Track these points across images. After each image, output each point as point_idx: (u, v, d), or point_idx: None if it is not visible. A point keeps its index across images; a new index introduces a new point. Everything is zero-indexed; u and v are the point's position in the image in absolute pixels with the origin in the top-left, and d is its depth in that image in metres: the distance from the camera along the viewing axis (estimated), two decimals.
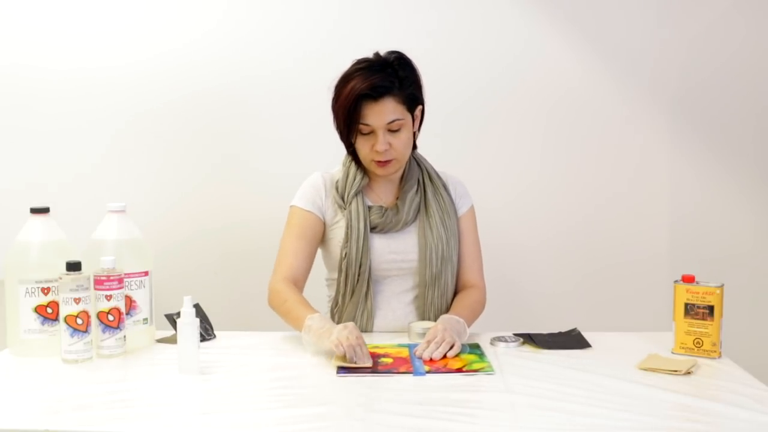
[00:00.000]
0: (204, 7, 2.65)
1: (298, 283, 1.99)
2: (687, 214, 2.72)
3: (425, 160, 2.11)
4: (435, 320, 1.96)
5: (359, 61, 1.97)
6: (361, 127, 1.92)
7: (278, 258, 2.02)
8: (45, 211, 1.86)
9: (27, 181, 2.65)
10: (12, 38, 2.63)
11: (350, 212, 1.99)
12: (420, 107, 2.01)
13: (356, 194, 2.01)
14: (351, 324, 1.78)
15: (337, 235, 2.02)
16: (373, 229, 2.00)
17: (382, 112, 1.91)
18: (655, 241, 2.73)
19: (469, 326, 1.93)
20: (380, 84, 1.90)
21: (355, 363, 1.70)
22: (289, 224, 2.04)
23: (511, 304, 2.70)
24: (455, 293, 2.08)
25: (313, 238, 2.03)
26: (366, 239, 1.98)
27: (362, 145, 1.96)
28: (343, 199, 2.02)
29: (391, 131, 1.93)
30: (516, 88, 2.68)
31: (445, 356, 1.76)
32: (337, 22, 2.65)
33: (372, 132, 1.93)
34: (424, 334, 1.87)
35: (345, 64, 1.98)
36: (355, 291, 2.00)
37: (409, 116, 1.96)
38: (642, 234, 2.73)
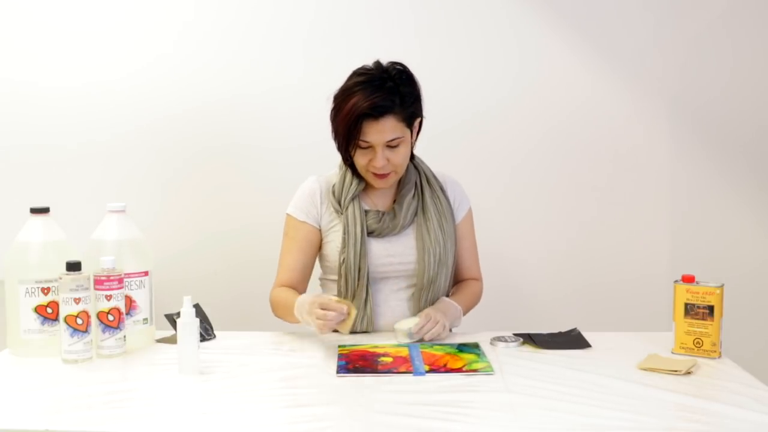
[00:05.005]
0: (204, 12, 2.65)
1: (298, 291, 2.03)
2: (687, 213, 2.72)
3: (423, 162, 2.11)
4: None
5: (359, 73, 1.95)
6: (361, 143, 1.92)
7: (278, 270, 2.06)
8: (45, 211, 1.86)
9: (27, 181, 2.64)
10: (13, 39, 2.63)
11: (347, 217, 2.00)
12: (418, 119, 2.01)
13: (353, 199, 2.01)
14: (309, 297, 1.87)
15: (334, 238, 2.02)
16: (370, 233, 2.01)
17: (383, 131, 1.91)
18: (655, 241, 2.73)
19: (465, 313, 2.01)
20: (381, 103, 1.89)
21: (335, 322, 1.79)
22: (287, 236, 2.06)
23: (511, 304, 2.70)
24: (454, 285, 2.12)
25: (309, 250, 2.05)
26: (363, 244, 1.98)
27: (360, 159, 1.96)
28: (339, 204, 2.02)
29: (390, 147, 1.93)
30: (515, 89, 2.68)
31: (444, 360, 1.75)
32: (335, 27, 2.64)
33: (370, 147, 1.93)
34: (408, 333, 1.88)
35: (343, 68, 1.98)
36: (356, 295, 2.00)
37: (408, 132, 1.96)
38: (642, 234, 2.73)
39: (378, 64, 1.97)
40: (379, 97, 1.88)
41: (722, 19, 2.66)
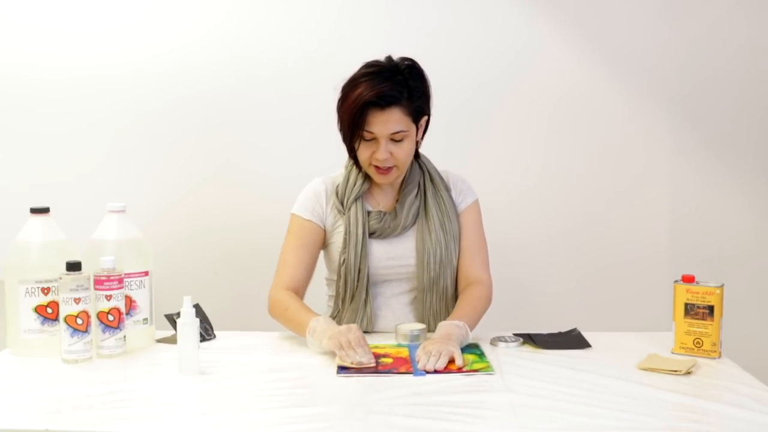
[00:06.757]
0: (205, 8, 2.65)
1: (299, 291, 2.00)
2: (687, 213, 2.72)
3: (428, 160, 2.09)
4: (435, 325, 1.91)
5: (369, 65, 1.94)
6: (365, 133, 1.91)
7: (278, 267, 2.03)
8: (45, 211, 1.86)
9: (27, 182, 2.64)
10: (12, 38, 2.63)
11: (349, 218, 1.99)
12: (425, 117, 2.00)
13: (356, 199, 2.00)
14: (354, 326, 1.79)
15: (338, 239, 2.02)
16: (371, 234, 2.00)
17: (387, 122, 1.89)
18: (656, 241, 2.73)
19: (473, 325, 1.91)
20: (388, 93, 1.87)
21: (358, 363, 1.69)
22: (290, 233, 2.04)
23: (512, 303, 2.69)
24: (457, 290, 2.05)
25: (313, 248, 2.03)
26: (364, 245, 1.97)
27: (363, 151, 1.94)
28: (342, 204, 2.01)
29: (394, 141, 1.92)
30: (517, 88, 2.68)
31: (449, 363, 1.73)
32: (338, 23, 2.65)
33: (374, 139, 1.91)
34: (410, 336, 1.87)
35: (346, 66, 1.97)
36: (354, 296, 1.99)
37: (413, 127, 1.94)
38: (642, 234, 2.73)
39: (389, 58, 1.96)
40: (387, 87, 1.87)
41: (723, 18, 2.66)
